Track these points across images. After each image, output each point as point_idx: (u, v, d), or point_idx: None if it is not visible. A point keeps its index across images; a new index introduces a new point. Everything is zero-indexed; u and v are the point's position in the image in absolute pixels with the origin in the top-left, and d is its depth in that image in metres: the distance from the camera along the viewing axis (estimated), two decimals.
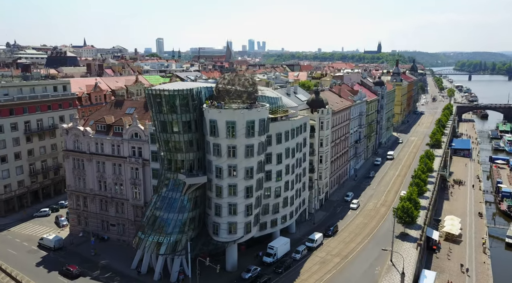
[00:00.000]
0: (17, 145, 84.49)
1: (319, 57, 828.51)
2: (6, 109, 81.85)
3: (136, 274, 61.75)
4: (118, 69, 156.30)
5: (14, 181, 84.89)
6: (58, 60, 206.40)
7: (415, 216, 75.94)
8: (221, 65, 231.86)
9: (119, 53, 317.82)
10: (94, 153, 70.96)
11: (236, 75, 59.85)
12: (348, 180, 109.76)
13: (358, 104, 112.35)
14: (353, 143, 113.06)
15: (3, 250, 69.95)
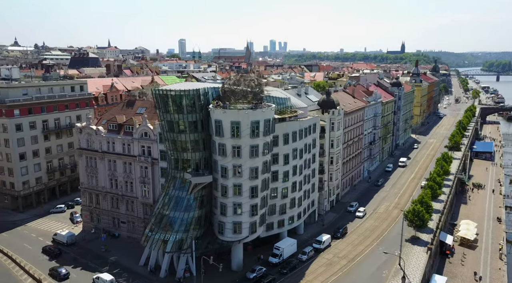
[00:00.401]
0: (35, 143, 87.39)
1: (341, 58, 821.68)
2: (25, 109, 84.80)
3: (149, 273, 62.51)
4: (136, 69, 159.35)
5: (32, 177, 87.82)
6: (80, 61, 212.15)
7: (426, 220, 74.46)
8: (238, 65, 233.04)
9: (140, 54, 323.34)
10: (106, 152, 72.73)
11: (242, 76, 60.25)
12: (361, 181, 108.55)
13: (372, 105, 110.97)
14: (367, 144, 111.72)
15: (20, 244, 72.47)
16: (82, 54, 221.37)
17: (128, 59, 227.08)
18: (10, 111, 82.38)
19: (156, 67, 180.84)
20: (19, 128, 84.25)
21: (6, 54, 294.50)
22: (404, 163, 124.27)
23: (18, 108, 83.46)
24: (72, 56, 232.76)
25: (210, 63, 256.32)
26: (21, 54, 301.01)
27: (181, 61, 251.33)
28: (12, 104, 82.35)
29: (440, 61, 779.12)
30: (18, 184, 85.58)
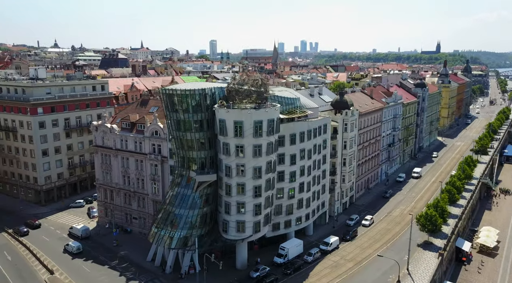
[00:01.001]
0: (57, 140, 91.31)
1: (373, 58, 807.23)
2: (48, 107, 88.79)
3: (155, 268, 64.00)
4: (160, 70, 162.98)
5: (54, 173, 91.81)
6: (110, 62, 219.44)
7: (439, 225, 72.26)
8: (261, 66, 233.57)
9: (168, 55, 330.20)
10: (119, 149, 75.09)
11: (246, 76, 60.69)
12: (378, 184, 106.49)
13: (391, 107, 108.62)
14: (386, 146, 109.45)
15: (39, 236, 75.98)
16: (112, 55, 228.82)
17: (155, 60, 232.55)
18: (34, 109, 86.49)
19: (181, 68, 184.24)
20: (42, 125, 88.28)
21: (44, 55, 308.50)
22: (419, 174, 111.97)
23: (41, 106, 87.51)
24: (102, 57, 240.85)
25: (234, 64, 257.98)
26: (58, 55, 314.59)
27: (207, 62, 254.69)
28: (36, 103, 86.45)
29: (478, 61, 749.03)
30: (41, 178, 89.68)
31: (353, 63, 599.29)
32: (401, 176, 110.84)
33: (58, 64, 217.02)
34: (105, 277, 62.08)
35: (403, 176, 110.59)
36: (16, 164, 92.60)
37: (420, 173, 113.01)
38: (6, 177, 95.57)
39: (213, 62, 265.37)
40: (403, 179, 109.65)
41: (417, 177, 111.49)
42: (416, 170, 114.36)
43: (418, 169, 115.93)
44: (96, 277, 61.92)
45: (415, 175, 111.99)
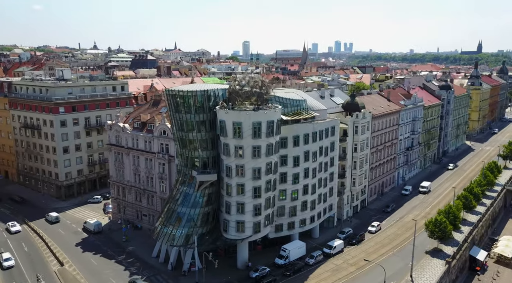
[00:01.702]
0: (77, 138, 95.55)
1: (408, 59, 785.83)
2: (69, 106, 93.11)
3: (159, 265, 65.77)
4: (185, 71, 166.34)
5: (74, 169, 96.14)
6: (140, 63, 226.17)
7: (448, 231, 70.07)
8: (284, 67, 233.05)
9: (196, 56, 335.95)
10: (130, 148, 77.71)
11: (246, 77, 61.36)
12: (395, 188, 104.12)
13: (410, 109, 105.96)
14: (404, 149, 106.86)
15: (55, 230, 79.87)
16: (142, 57, 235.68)
17: (182, 61, 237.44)
18: (56, 108, 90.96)
19: (205, 69, 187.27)
20: (64, 124, 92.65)
21: (81, 57, 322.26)
22: (427, 189, 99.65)
23: (63, 105, 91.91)
24: (133, 59, 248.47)
25: (259, 65, 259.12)
26: (93, 57, 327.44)
27: (234, 63, 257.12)
28: (57, 102, 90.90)
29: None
30: (62, 174, 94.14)
31: (388, 64, 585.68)
32: (407, 188, 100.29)
33: (92, 66, 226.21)
34: (110, 270, 64.51)
35: (409, 189, 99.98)
36: (40, 160, 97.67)
37: (428, 188, 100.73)
38: (31, 172, 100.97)
39: (240, 63, 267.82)
40: (409, 192, 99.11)
41: (425, 192, 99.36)
42: (424, 184, 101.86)
43: (427, 183, 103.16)
44: (102, 270, 64.46)
45: (422, 189, 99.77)
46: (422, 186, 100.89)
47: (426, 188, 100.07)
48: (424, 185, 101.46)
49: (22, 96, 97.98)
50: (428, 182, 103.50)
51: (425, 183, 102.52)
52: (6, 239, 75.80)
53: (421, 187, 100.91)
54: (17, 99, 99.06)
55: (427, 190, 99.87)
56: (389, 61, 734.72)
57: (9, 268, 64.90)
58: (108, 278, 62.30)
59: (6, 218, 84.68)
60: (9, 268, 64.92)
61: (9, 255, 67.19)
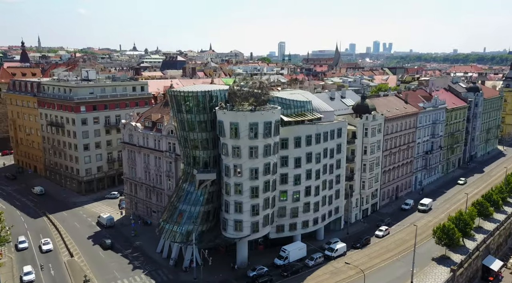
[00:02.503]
0: (98, 136, 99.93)
1: (450, 59, 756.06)
2: (90, 105, 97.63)
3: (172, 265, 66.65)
4: (209, 72, 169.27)
5: (94, 166, 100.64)
6: (170, 64, 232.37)
7: (456, 239, 67.64)
8: (309, 68, 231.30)
9: (229, 57, 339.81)
10: (142, 146, 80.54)
11: (245, 78, 62.17)
12: (412, 193, 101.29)
13: (430, 112, 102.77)
14: (422, 153, 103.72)
15: (71, 222, 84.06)
16: (172, 58, 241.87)
17: (211, 62, 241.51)
18: (77, 107, 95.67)
19: (230, 70, 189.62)
20: (85, 122, 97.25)
21: (116, 58, 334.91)
22: (426, 207, 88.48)
23: (84, 105, 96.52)
24: (163, 60, 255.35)
25: (284, 65, 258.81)
26: (129, 58, 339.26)
27: (263, 64, 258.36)
28: (79, 101, 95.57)
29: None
30: (82, 170, 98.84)
31: (428, 64, 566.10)
32: (407, 202, 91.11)
33: (126, 67, 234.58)
34: (116, 263, 67.27)
35: (410, 203, 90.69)
36: (63, 156, 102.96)
37: (429, 206, 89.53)
38: (56, 168, 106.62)
39: (268, 64, 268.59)
40: (409, 206, 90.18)
41: (424, 211, 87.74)
42: (424, 201, 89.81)
43: (427, 200, 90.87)
44: (107, 263, 67.35)
45: (421, 207, 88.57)
46: (422, 204, 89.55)
47: (426, 206, 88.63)
48: (424, 202, 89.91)
49: (48, 95, 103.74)
50: (429, 199, 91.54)
51: (426, 200, 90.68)
52: (26, 230, 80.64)
53: (420, 204, 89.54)
54: (44, 99, 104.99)
55: (426, 208, 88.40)
56: (429, 61, 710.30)
57: (22, 249, 70.15)
58: (112, 270, 65.02)
59: (29, 209, 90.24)
60: (23, 249, 70.33)
61: (24, 238, 72.07)
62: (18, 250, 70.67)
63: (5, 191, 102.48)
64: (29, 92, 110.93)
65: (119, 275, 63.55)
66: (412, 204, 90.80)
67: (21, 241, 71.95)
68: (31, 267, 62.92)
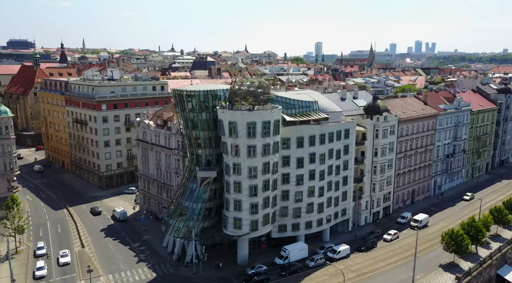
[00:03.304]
0: (118, 133, 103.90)
1: (498, 60, 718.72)
2: (111, 104, 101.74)
3: (175, 259, 68.42)
4: (234, 72, 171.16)
5: (114, 162, 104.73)
6: (200, 64, 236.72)
7: (464, 246, 64.91)
8: (335, 68, 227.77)
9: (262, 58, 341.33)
10: (154, 143, 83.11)
11: (245, 78, 62.72)
12: (430, 197, 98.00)
13: (451, 114, 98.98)
14: (443, 156, 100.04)
15: (88, 216, 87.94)
16: (202, 59, 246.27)
17: (239, 63, 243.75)
18: (98, 106, 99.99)
19: (255, 70, 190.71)
20: (105, 120, 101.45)
21: (152, 59, 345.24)
22: (420, 224, 79.42)
23: (105, 103, 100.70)
24: (194, 61, 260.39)
25: (310, 65, 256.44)
26: (163, 58, 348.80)
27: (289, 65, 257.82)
28: (100, 100, 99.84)
29: None
30: (103, 166, 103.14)
31: (472, 65, 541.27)
32: (404, 216, 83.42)
33: (158, 67, 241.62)
34: (122, 256, 69.92)
35: (407, 217, 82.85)
36: (86, 152, 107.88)
37: (423, 222, 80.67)
38: (80, 163, 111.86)
39: (298, 64, 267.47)
40: (405, 221, 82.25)
41: (415, 227, 76.28)
42: (418, 217, 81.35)
43: (422, 216, 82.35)
44: (114, 255, 70.13)
45: (414, 223, 79.76)
46: (415, 219, 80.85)
47: (420, 223, 79.72)
48: (418, 218, 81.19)
49: (74, 94, 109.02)
50: (425, 215, 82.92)
51: (420, 216, 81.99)
52: (47, 220, 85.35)
53: (413, 220, 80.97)
54: (70, 97, 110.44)
55: (420, 224, 79.35)
56: (474, 62, 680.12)
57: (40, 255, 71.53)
58: (118, 262, 67.68)
59: (52, 201, 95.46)
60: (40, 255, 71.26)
61: (43, 244, 72.81)
62: (36, 256, 68.70)
63: (33, 184, 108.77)
64: (58, 91, 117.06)
65: (124, 267, 66.05)
66: (409, 217, 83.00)
67: (40, 247, 70.50)
68: (44, 263, 65.32)
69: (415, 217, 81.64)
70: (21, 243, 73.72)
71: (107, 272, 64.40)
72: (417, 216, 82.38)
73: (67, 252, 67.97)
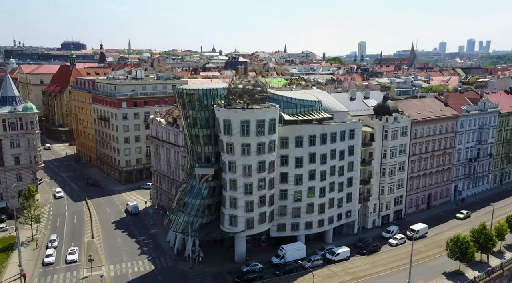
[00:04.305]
0: (137, 130, 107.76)
1: None
2: (131, 102, 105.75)
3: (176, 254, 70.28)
4: (260, 71, 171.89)
5: (133, 158, 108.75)
6: (232, 64, 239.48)
7: (469, 253, 61.66)
8: (364, 68, 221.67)
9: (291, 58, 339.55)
10: (164, 141, 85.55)
11: (241, 77, 63.13)
12: (448, 203, 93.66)
13: (475, 115, 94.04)
14: (465, 160, 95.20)
15: (104, 208, 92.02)
16: (234, 58, 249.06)
17: (269, 62, 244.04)
18: (119, 103, 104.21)
19: (283, 70, 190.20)
20: (125, 117, 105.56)
21: (188, 59, 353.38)
22: (417, 234, 73.26)
23: (125, 101, 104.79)
24: (226, 61, 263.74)
25: (340, 65, 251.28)
26: (199, 58, 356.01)
27: (325, 64, 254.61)
28: (120, 98, 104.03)
29: None
30: (122, 161, 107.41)
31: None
32: (390, 229, 76.24)
33: (192, 67, 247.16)
34: (127, 247, 72.67)
35: (393, 231, 75.63)
36: (109, 147, 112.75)
37: (420, 233, 74.43)
38: (104, 158, 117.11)
39: (332, 64, 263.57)
40: (390, 235, 74.93)
41: (413, 238, 67.24)
42: (416, 227, 75.15)
43: (421, 225, 76.12)
44: (120, 246, 73.01)
45: (410, 233, 73.47)
46: (412, 229, 74.70)
47: (416, 232, 73.59)
48: (415, 228, 74.94)
49: (99, 92, 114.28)
50: (423, 225, 76.71)
51: (418, 226, 75.81)
52: (65, 211, 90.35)
53: (410, 230, 74.97)
54: (96, 95, 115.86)
55: (416, 234, 72.72)
56: None
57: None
58: (121, 253, 70.46)
59: (74, 193, 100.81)
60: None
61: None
62: (47, 248, 71.38)
63: (61, 176, 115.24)
64: (86, 89, 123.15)
65: (126, 258, 68.65)
66: (396, 232, 75.85)
67: (52, 239, 73.47)
68: (53, 250, 69.38)
69: (412, 227, 76.24)
70: (38, 231, 78.50)
71: (110, 262, 67.20)
72: (414, 225, 76.85)
73: (75, 250, 69.48)
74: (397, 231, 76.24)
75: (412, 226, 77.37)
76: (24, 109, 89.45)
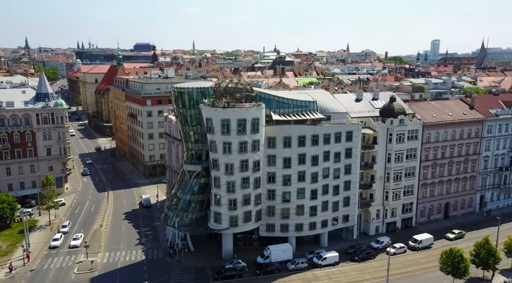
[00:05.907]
0: (161, 127, 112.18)
1: None
2: (155, 100, 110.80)
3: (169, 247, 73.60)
4: (299, 71, 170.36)
5: (157, 153, 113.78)
6: (278, 64, 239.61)
7: (461, 268, 56.68)
8: (410, 68, 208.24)
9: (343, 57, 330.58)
10: (174, 137, 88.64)
11: (226, 77, 63.63)
12: (472, 214, 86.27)
13: (507, 120, 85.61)
14: (494, 169, 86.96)
15: (121, 200, 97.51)
16: (281, 58, 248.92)
17: (314, 62, 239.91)
18: (144, 101, 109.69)
19: (324, 70, 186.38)
20: (150, 114, 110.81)
21: (241, 59, 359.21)
22: (420, 245, 70.15)
23: (149, 99, 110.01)
24: (273, 60, 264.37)
25: (386, 65, 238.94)
26: (252, 59, 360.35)
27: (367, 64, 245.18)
28: (145, 96, 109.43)
29: None
30: (147, 156, 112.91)
31: None
32: (380, 240, 71.39)
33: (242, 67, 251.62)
34: (128, 237, 76.73)
35: (383, 241, 70.76)
36: (137, 142, 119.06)
37: (423, 243, 70.63)
38: (133, 152, 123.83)
39: (384, 63, 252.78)
40: (380, 246, 70.22)
41: (416, 248, 69.32)
42: (419, 237, 71.24)
43: (425, 235, 72.15)
44: (122, 236, 77.22)
45: (413, 243, 70.62)
46: (415, 239, 70.76)
47: (419, 243, 70.24)
48: (418, 238, 70.89)
49: (131, 90, 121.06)
50: (428, 235, 72.13)
51: (422, 236, 71.53)
52: (87, 200, 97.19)
53: (412, 240, 71.12)
54: (128, 93, 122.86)
55: (419, 245, 70.10)
56: None
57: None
58: (120, 242, 74.56)
59: (100, 185, 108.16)
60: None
61: (67, 223, 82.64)
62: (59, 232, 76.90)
63: (94, 168, 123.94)
64: (121, 87, 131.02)
65: (122, 247, 72.54)
66: (386, 243, 70.17)
67: (64, 225, 79.41)
68: (61, 235, 75.11)
69: (414, 236, 71.86)
70: (56, 216, 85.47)
71: (106, 250, 71.40)
72: (418, 235, 72.21)
73: (79, 236, 74.86)
74: (388, 242, 70.73)
75: (415, 235, 72.71)
76: (55, 105, 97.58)
